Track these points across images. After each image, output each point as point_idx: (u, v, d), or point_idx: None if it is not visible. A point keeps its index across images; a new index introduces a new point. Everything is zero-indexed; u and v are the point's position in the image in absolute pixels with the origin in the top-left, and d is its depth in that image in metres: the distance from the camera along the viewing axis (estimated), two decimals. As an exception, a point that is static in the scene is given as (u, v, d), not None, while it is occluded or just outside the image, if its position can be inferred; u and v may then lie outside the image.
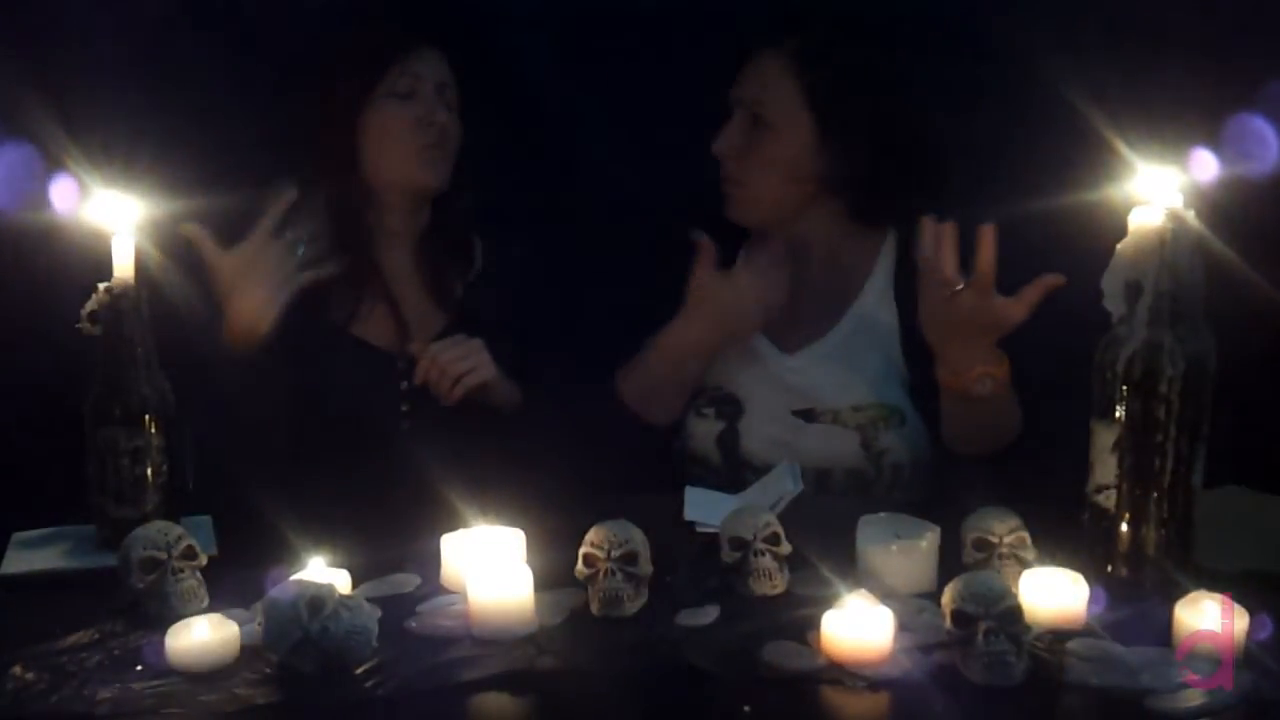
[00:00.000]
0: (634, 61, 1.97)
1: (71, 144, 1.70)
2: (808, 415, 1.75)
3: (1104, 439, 1.37)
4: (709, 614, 1.27)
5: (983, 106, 1.89)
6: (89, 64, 1.83)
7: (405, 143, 1.73)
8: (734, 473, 1.76)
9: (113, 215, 1.41)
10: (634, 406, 1.74)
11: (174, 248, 1.52)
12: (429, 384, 1.66)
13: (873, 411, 1.73)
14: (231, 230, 1.61)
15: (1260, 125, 1.72)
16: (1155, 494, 1.29)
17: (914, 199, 1.70)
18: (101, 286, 1.41)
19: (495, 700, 1.14)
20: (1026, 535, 1.32)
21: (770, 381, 1.77)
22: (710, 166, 1.79)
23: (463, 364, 1.66)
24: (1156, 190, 1.32)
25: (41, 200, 1.60)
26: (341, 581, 1.28)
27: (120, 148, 1.69)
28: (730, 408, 1.78)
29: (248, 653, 1.18)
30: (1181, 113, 1.66)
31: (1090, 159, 1.54)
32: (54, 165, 1.67)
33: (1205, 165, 1.36)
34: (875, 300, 1.79)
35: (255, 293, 1.57)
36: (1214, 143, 1.43)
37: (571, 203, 2.02)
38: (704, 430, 1.79)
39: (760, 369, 1.78)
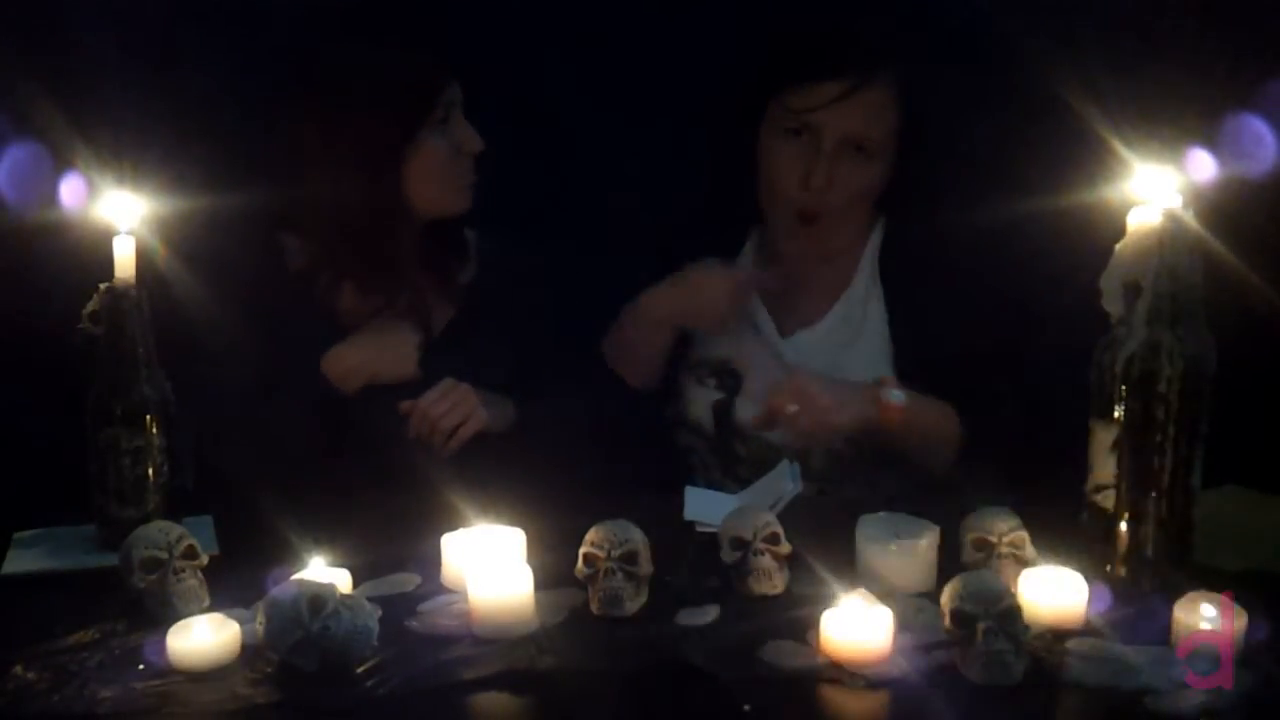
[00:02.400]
0: (635, 61, 1.97)
1: (81, 142, 1.70)
2: None
3: (1103, 439, 1.38)
4: (709, 614, 1.27)
5: (982, 106, 1.89)
6: (100, 64, 1.83)
7: (444, 175, 1.72)
8: (724, 442, 1.80)
9: (121, 214, 1.41)
10: (611, 364, 1.78)
11: (182, 247, 1.53)
12: (421, 438, 1.66)
13: None
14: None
15: (1258, 125, 1.72)
16: (1154, 494, 1.29)
17: (911, 189, 1.73)
18: (102, 286, 1.41)
19: (495, 700, 1.14)
20: (1026, 535, 1.32)
21: (768, 359, 1.79)
22: (710, 169, 1.80)
23: (454, 417, 1.66)
24: (1155, 190, 1.32)
25: (50, 199, 1.60)
26: (342, 581, 1.28)
27: (130, 147, 1.69)
28: (731, 380, 1.81)
29: (249, 652, 1.19)
30: (1180, 113, 1.67)
31: (1089, 160, 1.55)
32: (63, 164, 1.67)
33: (1203, 165, 1.37)
34: (864, 286, 1.80)
35: (381, 369, 1.69)
36: (1212, 143, 1.44)
37: (571, 204, 2.02)
38: (702, 397, 1.82)
39: (761, 346, 1.81)
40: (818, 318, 1.81)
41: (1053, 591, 1.23)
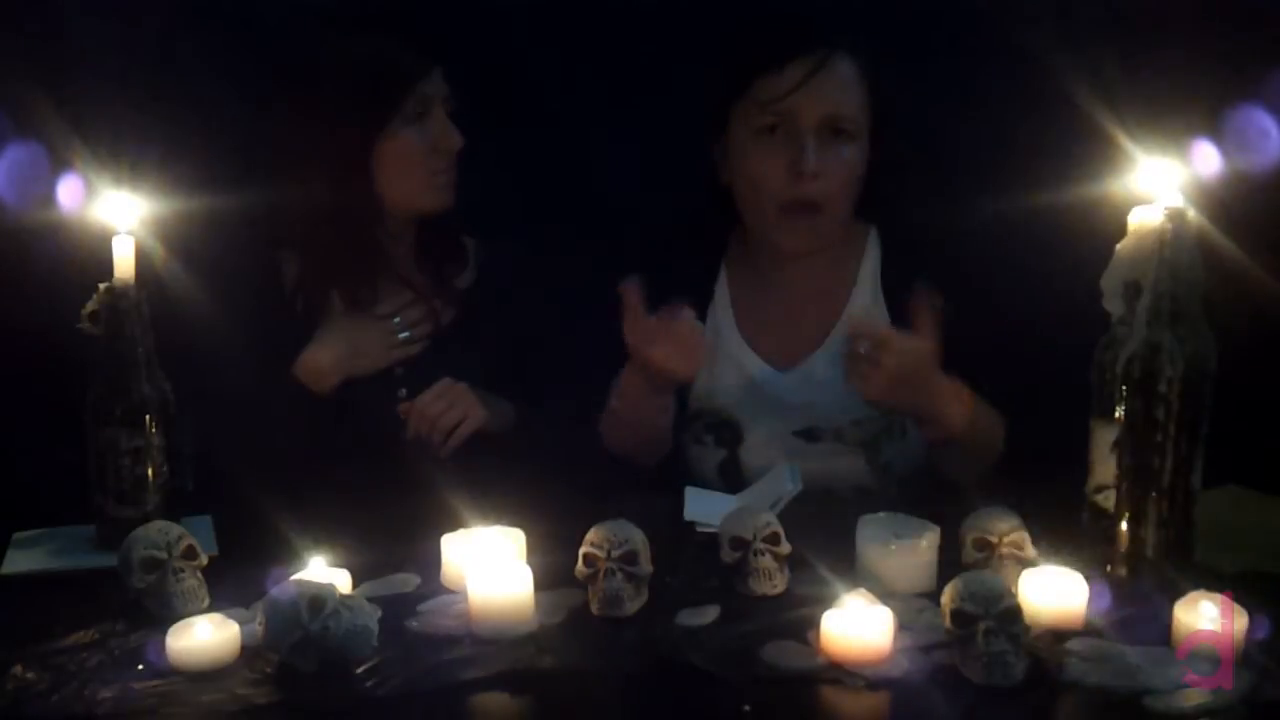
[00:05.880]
0: (632, 63, 1.96)
1: (79, 143, 1.70)
2: (809, 435, 1.71)
3: (1104, 439, 1.37)
4: (709, 614, 1.27)
5: (983, 103, 1.89)
6: (98, 65, 1.83)
7: (418, 172, 1.70)
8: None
9: (118, 215, 1.41)
10: (619, 454, 1.69)
11: (180, 248, 1.53)
12: (420, 438, 1.66)
13: (874, 425, 1.69)
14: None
15: (1262, 119, 1.72)
16: (1154, 494, 1.29)
17: (904, 193, 1.70)
18: (102, 286, 1.41)
19: (495, 700, 1.14)
20: (1026, 535, 1.32)
21: (768, 403, 1.71)
22: (704, 170, 1.79)
23: (452, 416, 1.66)
24: (1157, 185, 1.31)
25: (48, 199, 1.60)
26: (342, 581, 1.28)
27: (128, 148, 1.69)
28: (729, 434, 1.73)
29: (248, 652, 1.19)
30: (1183, 107, 1.66)
31: (1092, 155, 1.54)
32: (61, 164, 1.67)
33: (1207, 159, 1.36)
34: (866, 302, 1.74)
35: (358, 364, 1.71)
36: (1216, 137, 1.43)
37: (568, 206, 2.01)
38: (705, 458, 1.74)
39: (756, 391, 1.72)
40: (818, 343, 1.72)
41: (1053, 591, 1.23)
